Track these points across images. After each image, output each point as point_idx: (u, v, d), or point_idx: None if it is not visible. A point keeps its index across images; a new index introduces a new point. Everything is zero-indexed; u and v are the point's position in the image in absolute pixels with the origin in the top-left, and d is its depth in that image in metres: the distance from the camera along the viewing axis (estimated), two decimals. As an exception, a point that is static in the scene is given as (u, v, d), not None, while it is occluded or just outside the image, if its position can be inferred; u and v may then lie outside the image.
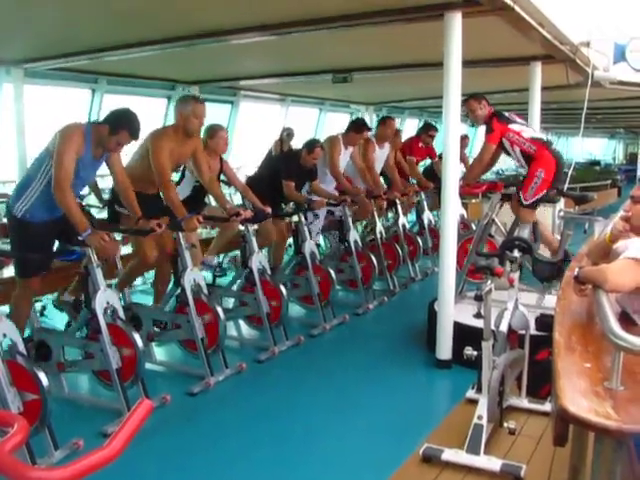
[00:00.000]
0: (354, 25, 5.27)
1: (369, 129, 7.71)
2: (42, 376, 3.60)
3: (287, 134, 9.14)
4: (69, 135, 4.17)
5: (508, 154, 5.80)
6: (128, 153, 5.07)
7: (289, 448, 3.96)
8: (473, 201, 8.92)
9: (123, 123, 4.28)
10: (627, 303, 2.84)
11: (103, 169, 4.72)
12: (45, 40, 6.25)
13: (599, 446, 2.05)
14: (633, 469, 2.02)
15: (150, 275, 7.45)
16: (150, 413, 1.38)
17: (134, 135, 4.36)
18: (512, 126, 5.63)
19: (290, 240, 7.25)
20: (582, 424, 1.85)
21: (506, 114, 5.70)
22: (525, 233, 5.26)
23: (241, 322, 6.37)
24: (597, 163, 28.44)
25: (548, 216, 5.94)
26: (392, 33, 5.92)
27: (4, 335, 3.59)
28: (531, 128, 5.81)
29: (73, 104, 9.23)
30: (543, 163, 5.58)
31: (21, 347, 3.66)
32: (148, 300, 5.95)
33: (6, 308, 4.61)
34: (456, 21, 4.71)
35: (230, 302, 6.25)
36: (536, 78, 7.20)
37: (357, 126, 7.54)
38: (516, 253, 4.00)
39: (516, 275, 4.09)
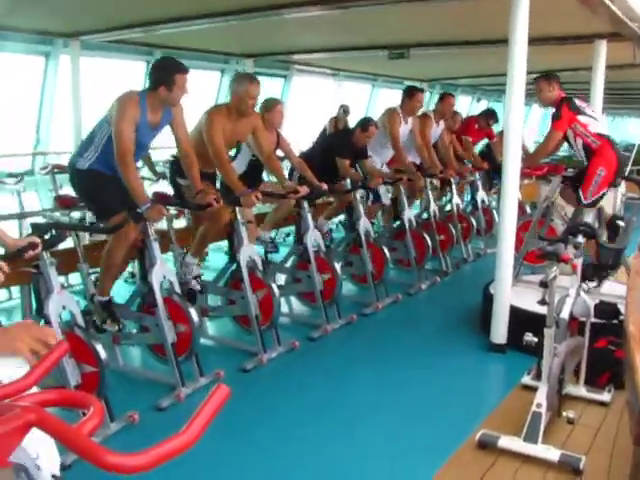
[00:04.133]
0: (417, 0, 5.16)
1: (421, 90, 7.50)
2: (100, 349, 3.63)
3: (343, 110, 9.04)
4: (124, 103, 4.17)
5: (569, 143, 5.61)
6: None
7: (339, 429, 3.93)
8: (526, 182, 8.73)
9: (171, 70, 4.24)
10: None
11: (157, 141, 4.71)
12: (100, 13, 6.26)
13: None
14: None
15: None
16: (228, 398, 1.34)
17: (185, 70, 4.30)
18: (580, 117, 5.42)
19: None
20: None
21: (577, 102, 5.48)
22: (590, 218, 5.13)
23: (293, 299, 6.35)
24: (655, 145, 27.68)
25: (609, 200, 5.76)
26: (452, 9, 5.81)
27: (63, 307, 3.62)
28: (598, 121, 5.60)
29: (129, 77, 9.28)
30: (604, 161, 5.40)
31: (80, 319, 3.69)
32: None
33: (64, 279, 4.64)
34: (524, -5, 4.56)
35: (283, 278, 6.23)
36: (601, 56, 6.99)
37: (409, 91, 7.35)
38: (580, 239, 3.89)
39: (580, 261, 3.98)
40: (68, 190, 5.28)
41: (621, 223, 5.03)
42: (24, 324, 1.69)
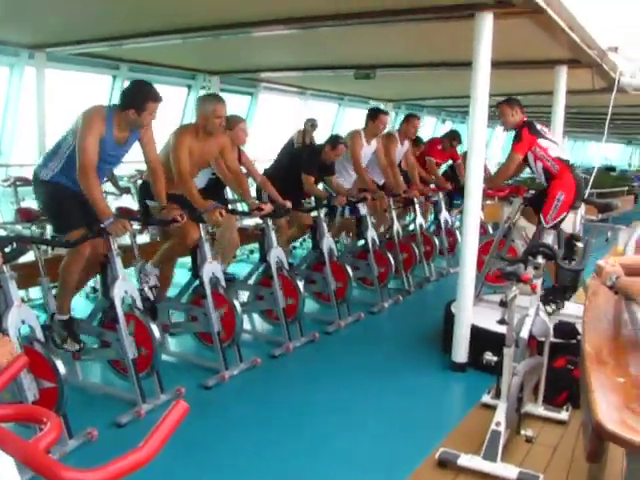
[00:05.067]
0: (383, 22, 5.22)
1: (385, 113, 7.58)
2: (59, 364, 3.59)
3: (311, 125, 9.05)
4: (90, 118, 4.16)
5: (529, 167, 5.72)
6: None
7: (300, 447, 3.93)
8: (489, 203, 8.84)
9: (144, 95, 4.24)
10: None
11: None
12: (67, 25, 6.21)
13: (632, 464, 2.01)
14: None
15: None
16: (186, 414, 1.35)
17: (158, 98, 4.30)
18: (540, 141, 5.53)
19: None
20: (619, 441, 1.81)
21: (538, 126, 5.59)
22: (549, 239, 5.21)
23: (256, 316, 6.33)
24: (613, 169, 28.16)
25: (569, 223, 5.86)
26: (419, 31, 5.87)
27: (22, 321, 3.58)
28: (558, 146, 5.72)
29: (94, 91, 9.21)
30: (563, 185, 5.51)
31: (39, 334, 3.65)
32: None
33: (23, 293, 4.58)
34: (487, 21, 4.63)
35: (245, 295, 6.20)
36: (561, 82, 7.12)
37: (372, 113, 7.41)
38: (540, 259, 3.95)
39: (539, 281, 4.04)
40: (30, 203, 5.24)
41: (580, 244, 5.12)
42: None
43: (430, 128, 16.52)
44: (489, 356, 3.86)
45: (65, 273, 4.37)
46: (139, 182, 6.92)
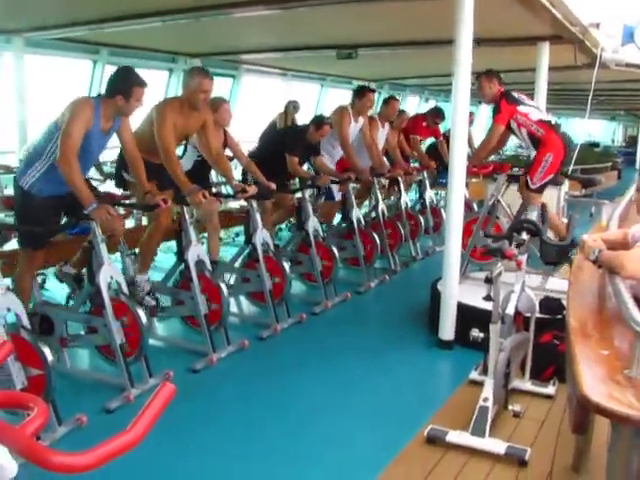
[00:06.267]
0: (365, 1, 5.19)
1: (372, 90, 7.56)
2: (46, 351, 3.58)
3: (293, 107, 9.01)
4: (78, 108, 4.11)
5: (515, 136, 5.74)
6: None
7: (289, 427, 3.94)
8: (474, 180, 8.85)
9: (130, 82, 4.22)
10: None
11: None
12: (45, 9, 6.15)
13: (616, 434, 2.03)
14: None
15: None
16: (173, 396, 1.35)
17: (144, 83, 4.28)
18: (520, 108, 5.56)
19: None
20: (604, 413, 1.83)
21: (515, 95, 5.63)
22: (533, 215, 5.23)
23: (243, 299, 6.33)
24: (596, 145, 28.30)
25: (553, 198, 5.89)
26: (399, 9, 5.85)
27: (8, 309, 3.56)
28: (539, 110, 5.74)
29: (76, 75, 9.13)
30: (551, 147, 5.53)
31: (25, 321, 3.63)
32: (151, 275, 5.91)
33: (9, 281, 4.56)
34: (468, -2, 4.63)
35: (232, 278, 6.19)
36: (544, 58, 7.15)
37: (360, 91, 7.40)
38: (524, 236, 3.97)
39: (524, 257, 4.06)
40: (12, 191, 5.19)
41: (565, 220, 5.15)
42: None
43: (414, 107, 16.48)
44: (476, 333, 3.89)
45: (19, 276, 4.48)
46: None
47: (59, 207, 4.37)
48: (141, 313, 4.25)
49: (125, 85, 4.18)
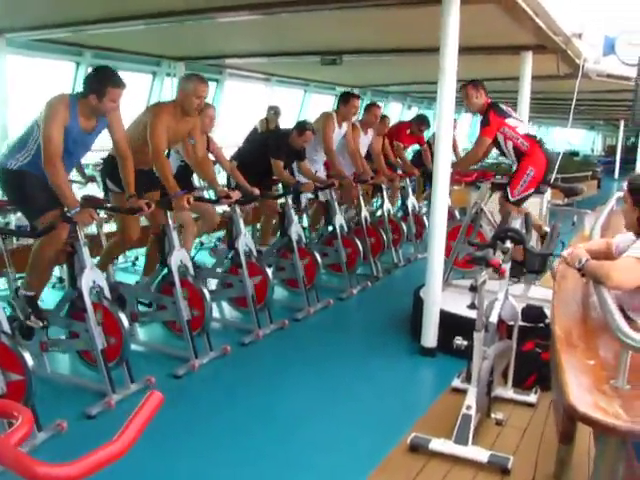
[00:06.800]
0: (348, 7, 5.20)
1: (357, 96, 7.59)
2: (27, 356, 3.54)
3: (274, 112, 9.02)
4: (54, 107, 4.11)
5: (499, 148, 5.73)
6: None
7: (271, 434, 3.92)
8: (456, 188, 8.89)
9: (105, 82, 4.18)
10: (626, 301, 2.83)
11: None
12: (27, 10, 6.08)
13: (602, 444, 2.03)
14: (632, 467, 2.01)
15: (131, 253, 7.40)
16: (161, 405, 1.33)
17: (120, 84, 4.25)
18: (508, 121, 5.54)
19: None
20: (591, 423, 1.83)
21: (503, 107, 5.62)
22: (517, 224, 5.25)
23: (225, 304, 6.30)
24: (576, 154, 28.52)
25: (536, 206, 5.91)
26: (385, 17, 5.86)
27: (-14, 313, 3.52)
28: (524, 124, 5.75)
29: (59, 77, 9.05)
30: (534, 161, 5.53)
31: (5, 326, 3.58)
32: (130, 279, 5.87)
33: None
34: (454, 6, 4.63)
35: (214, 283, 6.16)
36: (527, 68, 7.19)
37: (344, 97, 7.43)
38: (508, 244, 3.98)
39: (507, 266, 4.07)
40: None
41: (547, 228, 5.17)
42: None
43: (396, 114, 16.52)
44: (459, 341, 3.88)
45: (37, 256, 4.34)
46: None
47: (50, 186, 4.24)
48: (123, 318, 4.21)
49: (99, 85, 4.16)
